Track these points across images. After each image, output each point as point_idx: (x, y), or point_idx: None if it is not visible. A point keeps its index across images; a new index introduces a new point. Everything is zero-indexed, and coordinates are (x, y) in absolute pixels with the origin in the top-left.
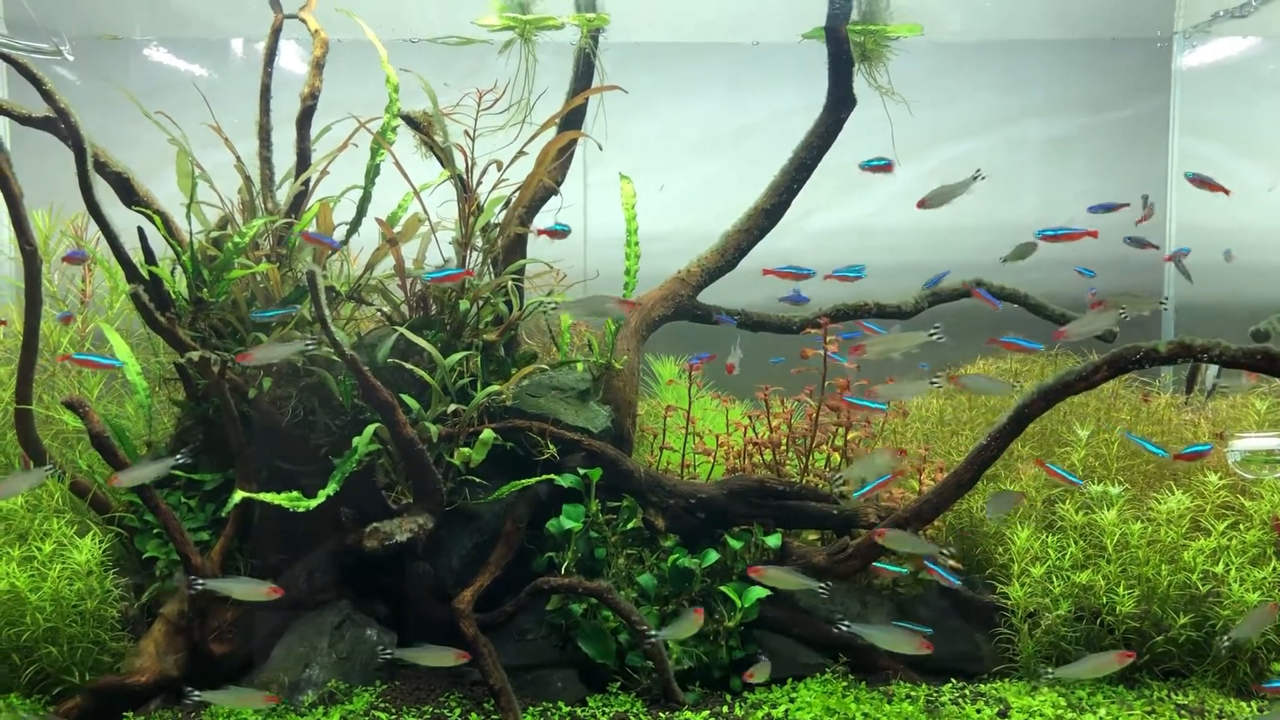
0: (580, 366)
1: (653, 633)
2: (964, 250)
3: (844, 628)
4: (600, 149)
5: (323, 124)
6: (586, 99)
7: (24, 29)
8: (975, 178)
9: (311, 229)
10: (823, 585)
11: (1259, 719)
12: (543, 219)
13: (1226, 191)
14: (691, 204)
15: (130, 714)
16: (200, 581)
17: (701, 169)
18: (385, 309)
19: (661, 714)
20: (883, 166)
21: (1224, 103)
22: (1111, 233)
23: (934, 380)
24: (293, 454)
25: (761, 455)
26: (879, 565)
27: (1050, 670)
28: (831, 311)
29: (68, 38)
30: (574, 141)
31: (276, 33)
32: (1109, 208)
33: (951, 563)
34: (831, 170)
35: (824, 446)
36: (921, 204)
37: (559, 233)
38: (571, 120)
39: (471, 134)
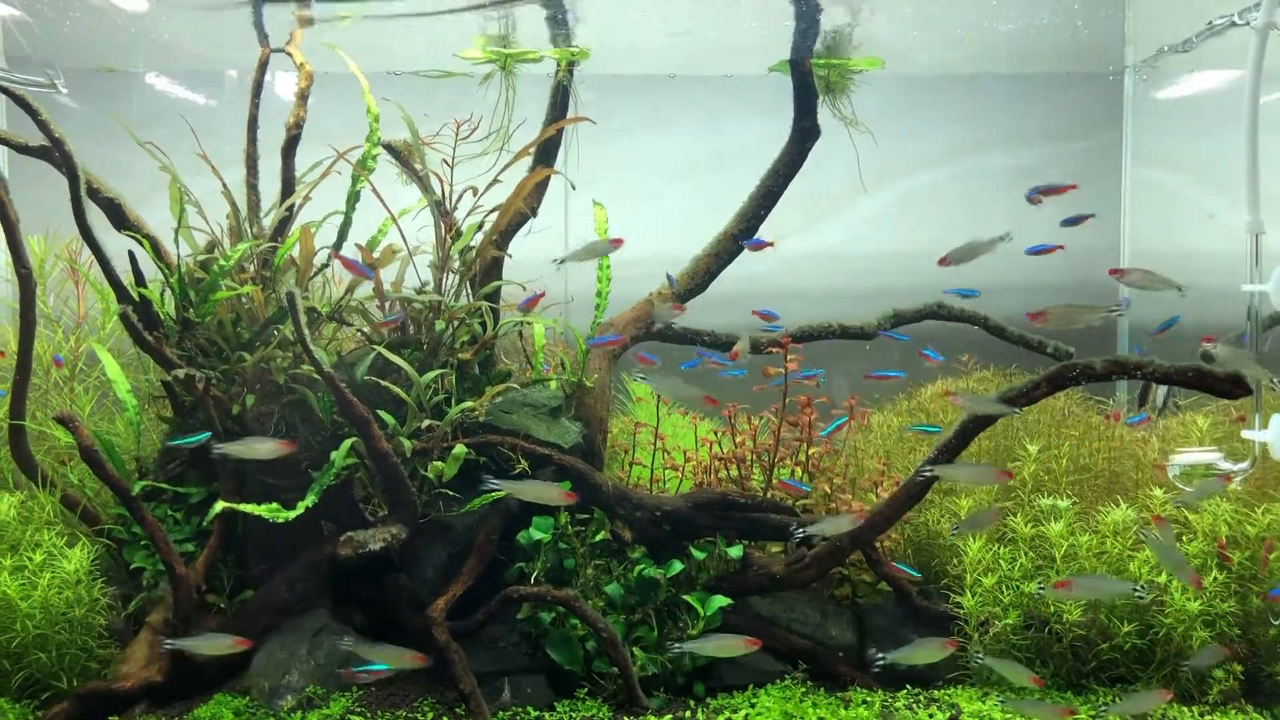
0: (553, 384)
1: (678, 646)
2: (931, 274)
3: (880, 660)
4: (573, 188)
5: (308, 152)
6: (561, 130)
7: (19, 63)
8: (1002, 238)
9: (294, 252)
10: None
11: None
12: (521, 244)
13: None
14: (665, 230)
15: (115, 718)
16: (169, 642)
17: (676, 196)
18: (365, 329)
19: (626, 718)
20: (761, 245)
21: (1174, 133)
22: (1071, 258)
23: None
24: (275, 468)
25: (727, 470)
26: (900, 566)
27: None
28: (796, 332)
29: (64, 71)
30: (549, 175)
31: (263, 66)
32: (1075, 220)
33: (905, 571)
34: (804, 198)
35: (787, 461)
36: (943, 261)
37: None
38: (548, 149)
39: (450, 162)
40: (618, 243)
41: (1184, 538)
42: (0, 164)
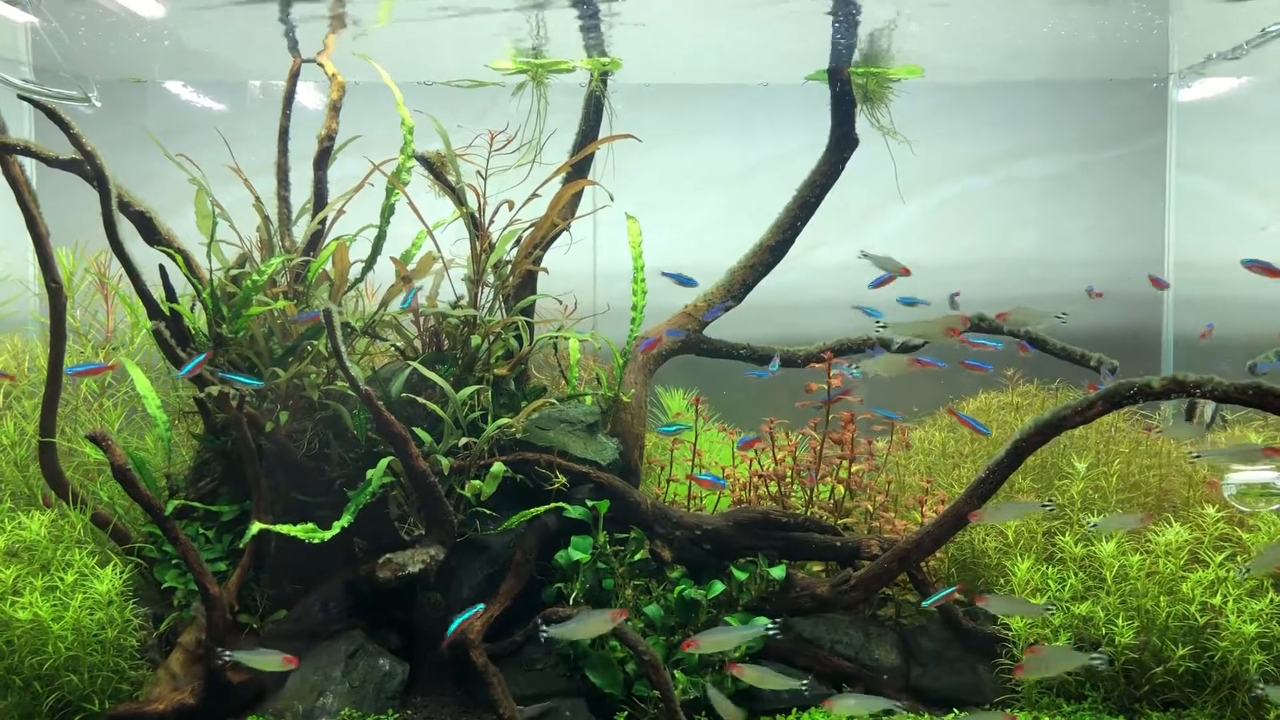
0: (589, 399)
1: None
2: (967, 286)
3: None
4: (611, 199)
5: (341, 164)
6: (596, 147)
7: (51, 76)
8: (1058, 316)
9: (328, 266)
10: (804, 682)
11: None
12: (552, 255)
13: None
14: (700, 241)
15: None
16: (228, 654)
17: (710, 207)
18: (399, 344)
19: None
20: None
21: (1219, 140)
22: (1113, 268)
23: None
24: (308, 486)
25: (766, 487)
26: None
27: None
28: (835, 345)
29: (92, 80)
30: (584, 187)
31: (294, 77)
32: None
33: (956, 595)
34: (836, 207)
35: (828, 478)
36: (1001, 317)
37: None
38: (582, 162)
39: (484, 174)
40: (906, 272)
41: (1239, 557)
42: (28, 176)
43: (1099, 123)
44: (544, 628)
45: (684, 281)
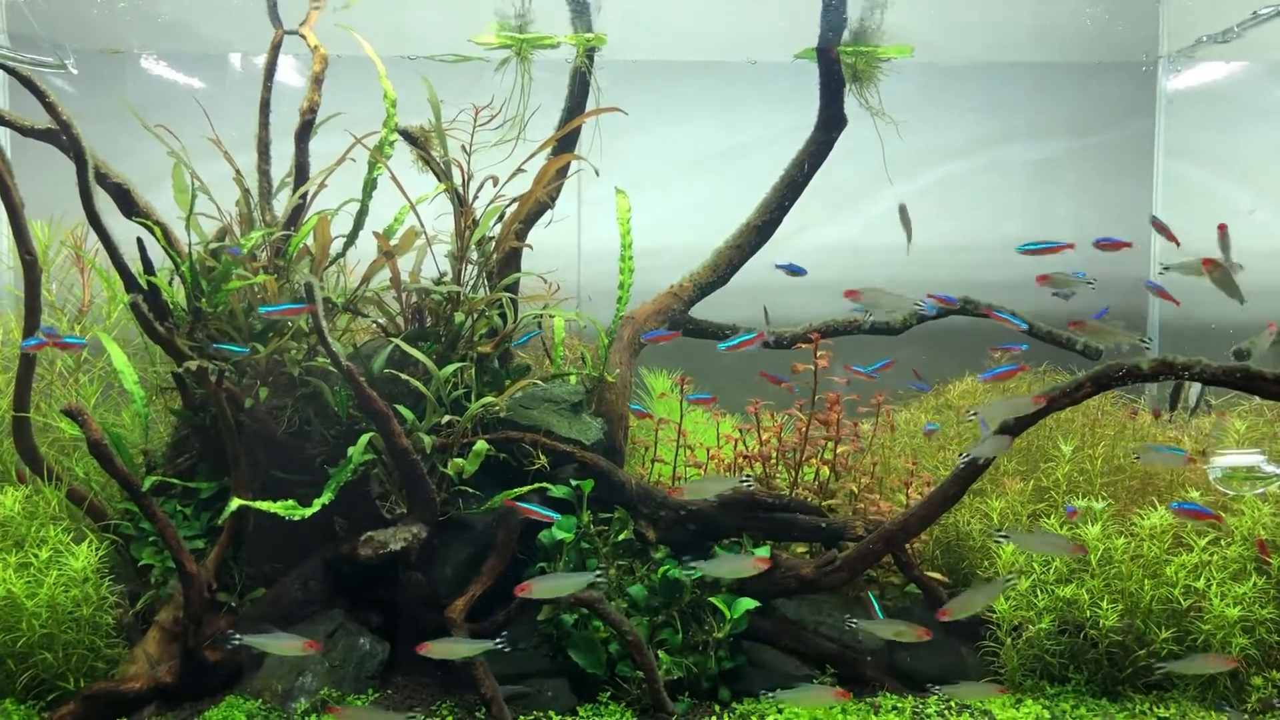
0: (573, 379)
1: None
2: (952, 268)
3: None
4: (597, 174)
5: (322, 138)
6: (583, 120)
7: (26, 42)
8: (915, 304)
9: (309, 241)
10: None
11: None
12: (537, 235)
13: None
14: (685, 220)
15: None
16: (239, 637)
17: (696, 186)
18: (381, 321)
19: None
20: (795, 272)
21: (1208, 126)
22: (1100, 254)
23: None
24: (288, 463)
25: (751, 468)
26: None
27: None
28: (821, 327)
29: (70, 49)
30: (570, 162)
31: (276, 48)
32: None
33: (936, 575)
34: (824, 188)
35: (813, 460)
36: (851, 295)
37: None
38: (567, 138)
39: (468, 149)
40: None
41: (1221, 541)
42: (3, 146)
43: (1087, 107)
44: (237, 638)
45: (795, 271)
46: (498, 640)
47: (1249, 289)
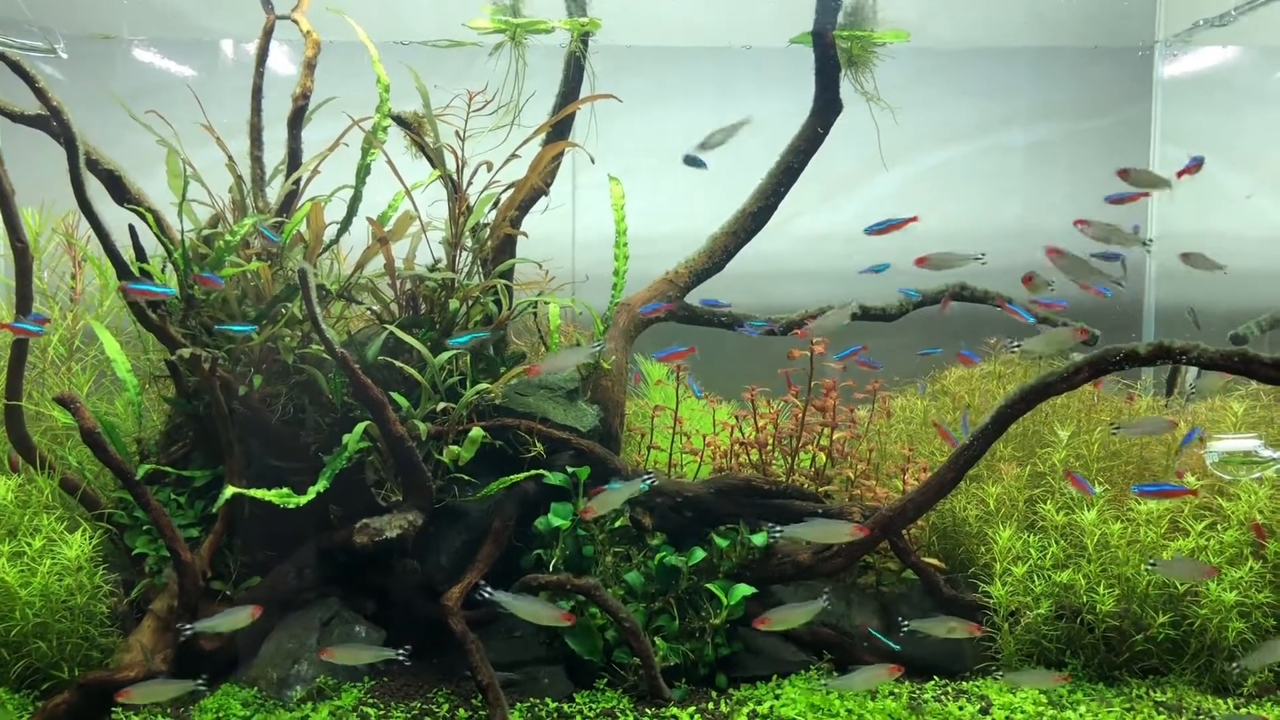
0: None
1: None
2: None
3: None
4: (592, 161)
5: (315, 124)
6: (578, 106)
7: (15, 26)
8: (977, 258)
9: (302, 228)
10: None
11: (1235, 715)
12: (531, 221)
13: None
14: (680, 207)
15: (119, 709)
16: (188, 628)
17: (691, 172)
18: (375, 307)
19: (648, 710)
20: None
21: (1204, 111)
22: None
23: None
24: (282, 451)
25: (748, 455)
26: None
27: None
28: (817, 313)
29: (60, 35)
30: (564, 149)
31: (268, 33)
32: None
33: (933, 561)
34: (818, 175)
35: (810, 446)
36: (920, 262)
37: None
38: (562, 124)
39: (462, 135)
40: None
41: (1218, 526)
42: None
43: (1084, 91)
44: (488, 591)
45: (877, 270)
46: (399, 652)
47: (1245, 274)
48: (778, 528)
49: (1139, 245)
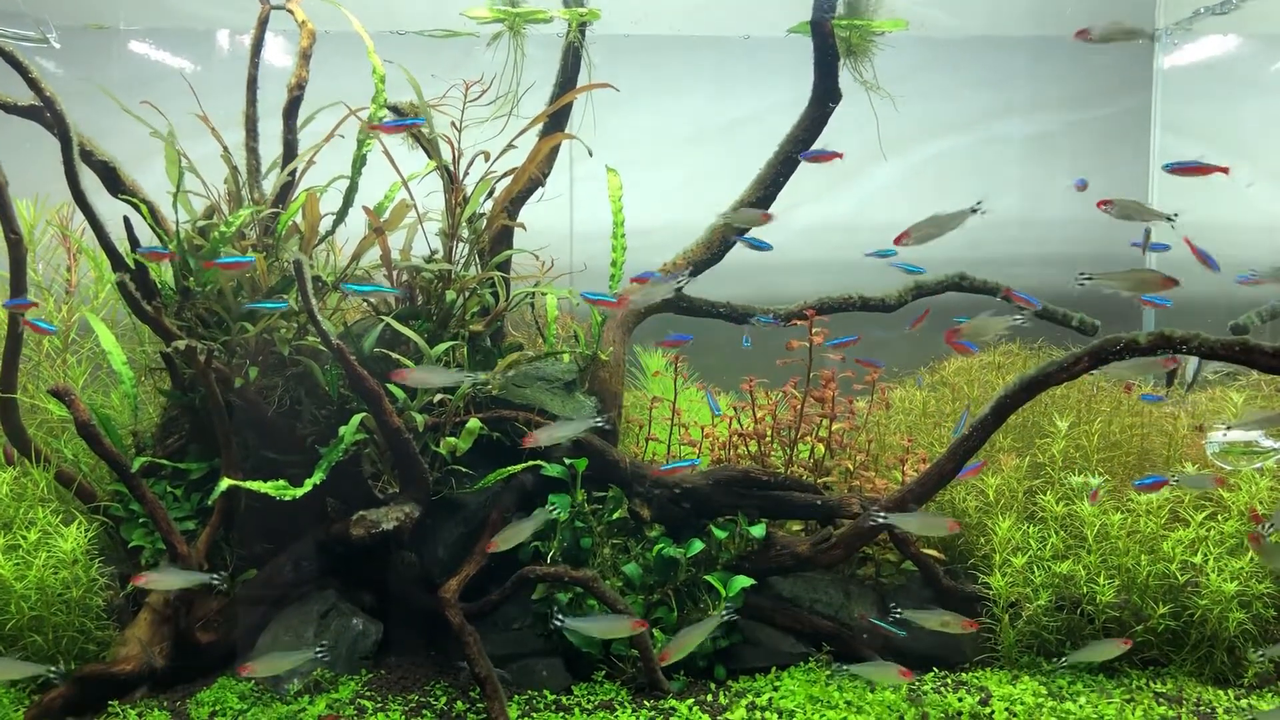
0: (566, 357)
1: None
2: (946, 246)
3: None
4: (590, 153)
5: (307, 114)
6: (575, 95)
7: (8, 17)
8: (974, 209)
9: (297, 219)
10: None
11: (1236, 707)
12: (529, 213)
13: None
14: (678, 197)
15: (115, 703)
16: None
17: (689, 163)
18: (372, 299)
19: (646, 702)
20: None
21: (1205, 101)
22: (1093, 229)
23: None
24: (279, 443)
25: (746, 446)
26: None
27: None
28: (816, 304)
29: (54, 25)
30: (561, 140)
31: (263, 23)
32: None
33: (932, 553)
34: (818, 165)
35: (808, 438)
36: (901, 239)
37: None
38: (559, 114)
39: (458, 125)
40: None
41: (1219, 516)
42: None
43: (1084, 81)
44: (560, 619)
45: (885, 254)
46: (317, 650)
47: (1245, 264)
48: (881, 514)
49: (1164, 220)
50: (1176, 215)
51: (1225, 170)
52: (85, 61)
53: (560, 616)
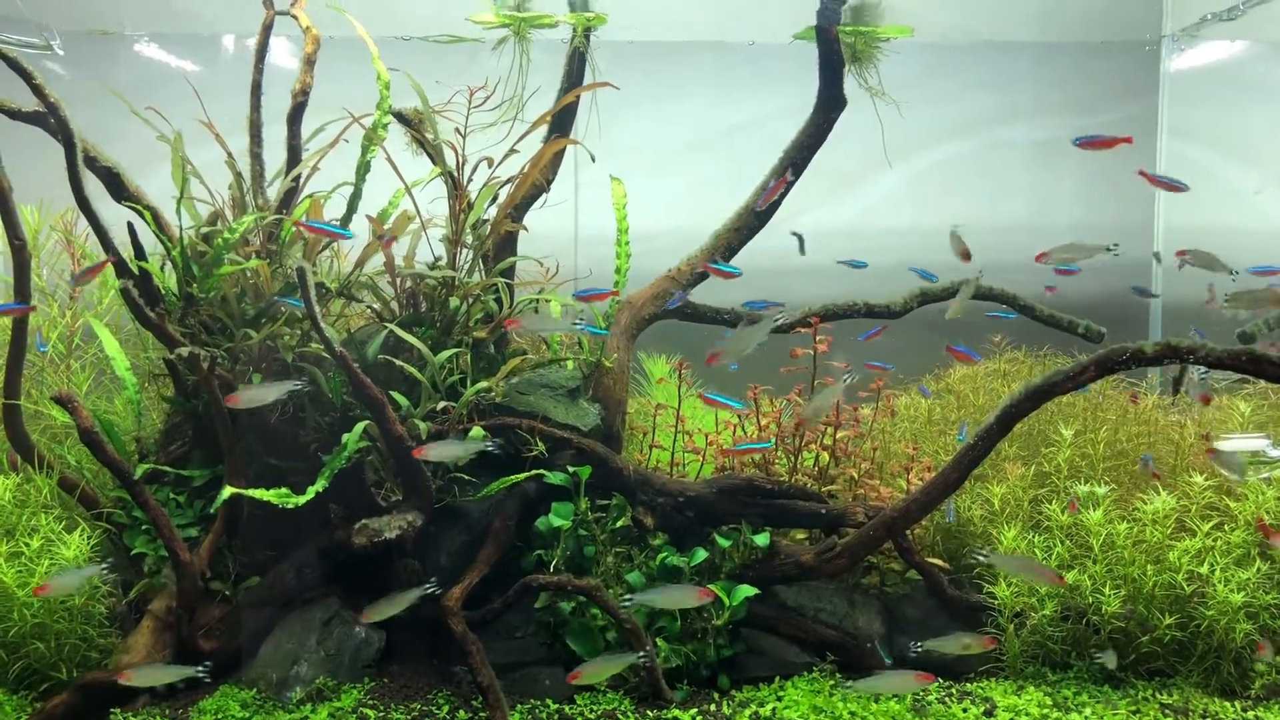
0: (570, 364)
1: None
2: (950, 252)
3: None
4: (593, 160)
5: (314, 120)
6: (578, 98)
7: (12, 23)
8: (1109, 249)
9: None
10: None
11: (1242, 718)
12: (533, 219)
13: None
14: (683, 204)
15: (118, 710)
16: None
17: (693, 169)
18: (375, 305)
19: (649, 712)
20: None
21: (1212, 106)
22: (1102, 235)
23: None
24: (282, 450)
25: (750, 454)
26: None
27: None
28: (821, 311)
29: (58, 32)
30: (566, 145)
31: (268, 29)
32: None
33: (937, 562)
34: (823, 171)
35: (812, 445)
36: (1040, 257)
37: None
38: (563, 119)
39: (463, 131)
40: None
41: (1225, 526)
42: None
43: (1090, 86)
44: (629, 599)
45: (857, 265)
46: (198, 669)
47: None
48: (919, 646)
49: (1228, 273)
50: (1117, 245)
51: (1129, 140)
52: (90, 66)
53: (629, 597)
